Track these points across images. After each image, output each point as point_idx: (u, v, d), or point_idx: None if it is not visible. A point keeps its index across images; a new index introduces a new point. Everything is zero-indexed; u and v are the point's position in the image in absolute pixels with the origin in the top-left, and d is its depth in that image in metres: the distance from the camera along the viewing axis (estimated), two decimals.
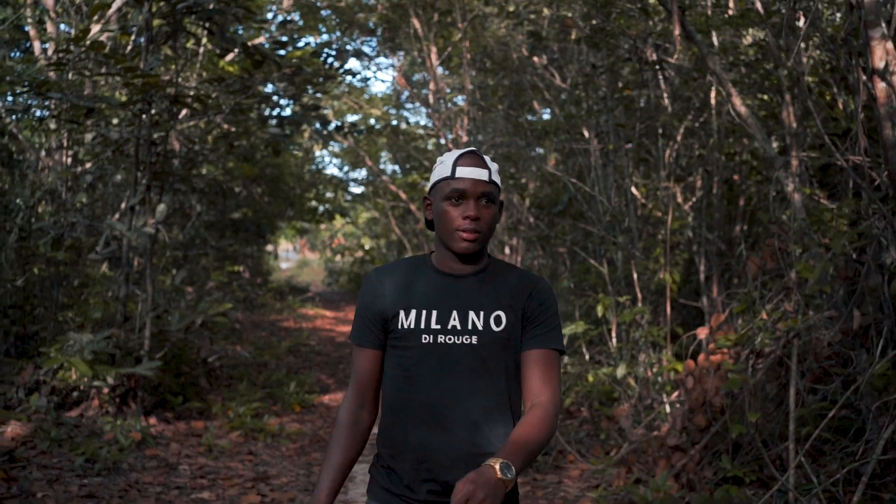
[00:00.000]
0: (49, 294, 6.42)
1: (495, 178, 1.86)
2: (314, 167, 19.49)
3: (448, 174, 1.85)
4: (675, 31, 4.77)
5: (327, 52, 9.51)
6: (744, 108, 4.82)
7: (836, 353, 4.24)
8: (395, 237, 19.22)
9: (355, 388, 1.94)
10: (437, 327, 1.82)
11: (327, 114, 14.55)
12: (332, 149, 18.60)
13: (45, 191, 6.62)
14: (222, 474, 5.09)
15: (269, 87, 8.37)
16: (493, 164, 1.87)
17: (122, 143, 6.37)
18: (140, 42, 6.70)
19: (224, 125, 8.80)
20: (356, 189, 20.19)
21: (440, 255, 1.91)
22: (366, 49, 13.62)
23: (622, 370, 5.82)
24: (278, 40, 8.77)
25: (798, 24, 5.02)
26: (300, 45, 10.23)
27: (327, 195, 19.60)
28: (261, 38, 10.18)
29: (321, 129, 9.19)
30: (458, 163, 1.84)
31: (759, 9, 4.98)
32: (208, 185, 11.38)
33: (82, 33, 5.73)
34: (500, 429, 1.82)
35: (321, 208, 19.41)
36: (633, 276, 6.70)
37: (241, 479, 5.03)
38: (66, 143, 7.04)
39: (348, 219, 22.78)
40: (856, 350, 4.14)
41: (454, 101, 12.36)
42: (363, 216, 23.29)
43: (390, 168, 18.91)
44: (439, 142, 12.47)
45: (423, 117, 16.39)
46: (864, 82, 3.90)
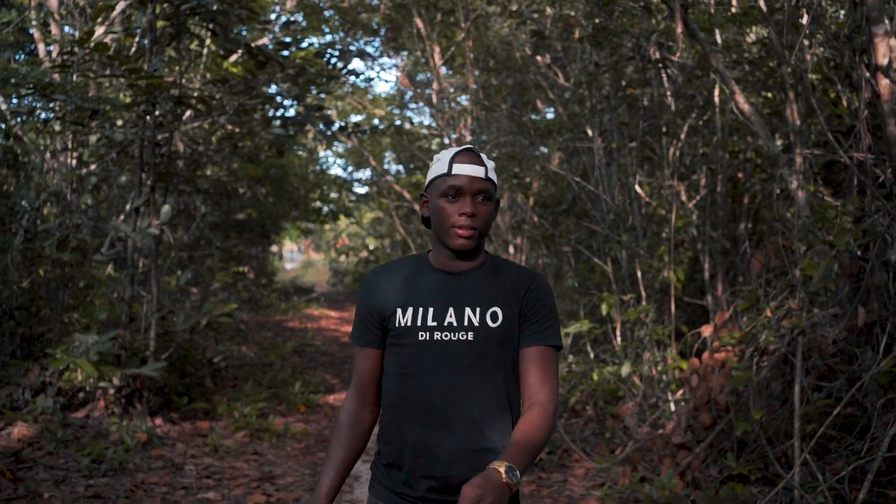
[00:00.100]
0: (55, 295, 6.43)
1: (492, 176, 1.86)
2: (318, 168, 19.51)
3: (444, 171, 1.85)
4: (678, 30, 4.77)
5: (331, 52, 9.51)
6: (747, 106, 4.81)
7: (841, 351, 4.24)
8: (399, 237, 19.24)
9: (356, 388, 1.96)
10: (434, 324, 1.83)
11: (331, 114, 14.54)
12: (336, 149, 18.62)
13: (50, 192, 6.64)
14: (228, 474, 5.10)
15: (272, 88, 8.38)
16: (489, 162, 1.88)
17: (127, 145, 6.38)
18: (144, 43, 6.71)
19: (228, 126, 8.81)
20: (360, 189, 20.24)
21: (437, 253, 1.91)
22: (369, 49, 13.66)
23: (627, 369, 5.81)
24: (282, 41, 8.77)
25: (801, 21, 5.01)
26: (304, 45, 10.22)
27: (331, 195, 19.63)
28: (264, 39, 10.19)
29: (325, 129, 9.18)
30: (454, 160, 1.85)
31: (762, 6, 4.97)
32: (213, 186, 11.40)
33: (86, 35, 5.74)
34: (499, 425, 1.83)
35: (325, 209, 19.43)
36: (638, 275, 6.70)
37: (247, 479, 5.04)
38: (70, 144, 7.05)
39: (353, 219, 22.81)
40: (861, 347, 4.13)
41: (458, 101, 12.36)
42: (367, 216, 23.32)
43: (394, 168, 18.93)
44: (443, 141, 12.47)
45: (426, 117, 16.42)
46: (867, 79, 3.89)
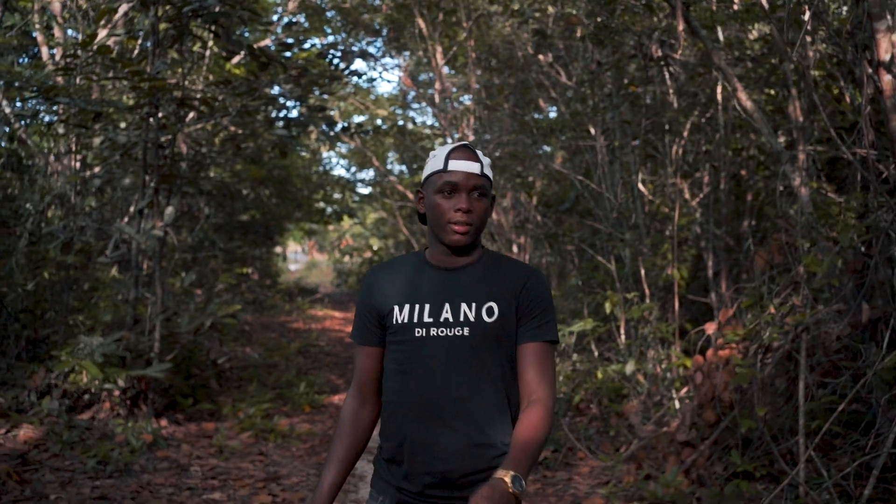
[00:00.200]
0: (59, 298, 6.45)
1: (487, 172, 1.87)
2: (321, 168, 19.53)
3: (440, 167, 1.86)
4: (680, 27, 4.77)
5: (333, 53, 9.53)
6: (750, 103, 4.80)
7: (846, 347, 4.23)
8: (403, 237, 19.24)
9: (357, 386, 1.97)
10: (430, 320, 1.84)
11: (334, 115, 14.56)
12: (339, 150, 18.63)
13: (55, 195, 6.67)
14: (233, 475, 5.11)
15: (275, 89, 8.39)
16: (485, 158, 1.89)
17: (130, 147, 6.39)
18: (147, 46, 6.73)
19: (231, 127, 8.82)
20: (364, 190, 20.25)
21: (433, 249, 1.92)
22: (371, 50, 13.64)
23: (631, 367, 5.81)
24: (284, 42, 8.79)
25: (803, 17, 5.00)
26: (306, 46, 10.23)
27: (335, 196, 19.64)
28: (266, 41, 10.20)
29: (328, 130, 9.18)
30: (450, 156, 1.86)
31: (764, 3, 4.96)
32: (216, 187, 11.43)
33: (89, 38, 5.76)
34: (497, 420, 1.83)
35: (329, 209, 19.46)
36: (641, 273, 6.70)
37: (252, 479, 5.05)
38: (74, 147, 7.07)
39: (356, 219, 22.83)
40: (865, 343, 4.12)
41: (460, 101, 12.37)
42: (371, 217, 23.33)
43: (397, 168, 18.92)
44: (446, 141, 12.47)
45: (429, 117, 16.42)
46: (869, 75, 3.89)
